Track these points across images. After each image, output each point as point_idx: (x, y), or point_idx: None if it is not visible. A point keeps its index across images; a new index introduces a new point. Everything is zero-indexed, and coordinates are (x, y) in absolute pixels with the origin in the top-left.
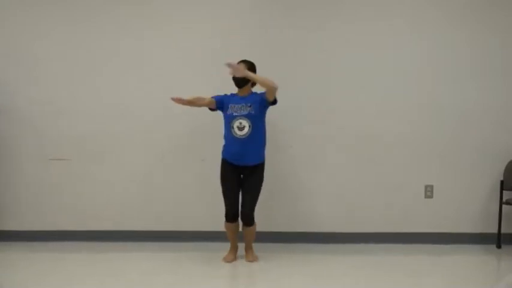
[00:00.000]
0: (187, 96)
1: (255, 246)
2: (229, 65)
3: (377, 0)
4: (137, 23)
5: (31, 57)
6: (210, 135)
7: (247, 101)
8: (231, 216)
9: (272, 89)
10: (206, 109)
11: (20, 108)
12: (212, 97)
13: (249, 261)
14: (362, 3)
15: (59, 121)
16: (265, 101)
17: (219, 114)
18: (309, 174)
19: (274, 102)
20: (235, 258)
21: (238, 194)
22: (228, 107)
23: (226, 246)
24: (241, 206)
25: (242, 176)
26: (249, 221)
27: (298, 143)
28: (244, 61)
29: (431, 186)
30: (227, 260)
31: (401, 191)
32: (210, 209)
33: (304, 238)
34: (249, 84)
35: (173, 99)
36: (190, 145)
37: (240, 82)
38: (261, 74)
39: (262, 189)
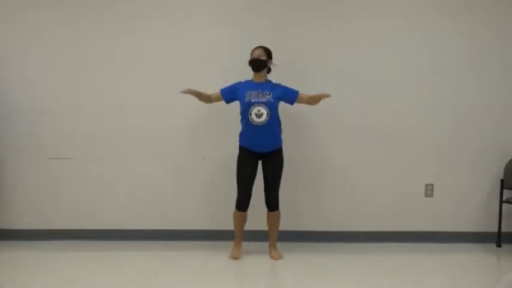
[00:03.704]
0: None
1: (256, 245)
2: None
3: (378, 0)
4: (137, 22)
5: (31, 56)
6: (210, 134)
7: (265, 87)
8: (242, 203)
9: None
10: (206, 108)
11: (20, 107)
12: (220, 89)
13: (275, 259)
14: (363, 2)
15: (59, 120)
16: (286, 100)
17: (219, 113)
18: (307, 174)
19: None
20: (240, 253)
21: (253, 182)
22: (244, 95)
23: (227, 244)
24: (265, 189)
25: (261, 162)
26: (274, 204)
27: (298, 142)
28: (262, 47)
29: (432, 185)
30: (234, 255)
31: (401, 190)
32: (210, 208)
33: (303, 237)
34: (265, 69)
35: (184, 91)
36: (190, 144)
37: (257, 66)
38: None
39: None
